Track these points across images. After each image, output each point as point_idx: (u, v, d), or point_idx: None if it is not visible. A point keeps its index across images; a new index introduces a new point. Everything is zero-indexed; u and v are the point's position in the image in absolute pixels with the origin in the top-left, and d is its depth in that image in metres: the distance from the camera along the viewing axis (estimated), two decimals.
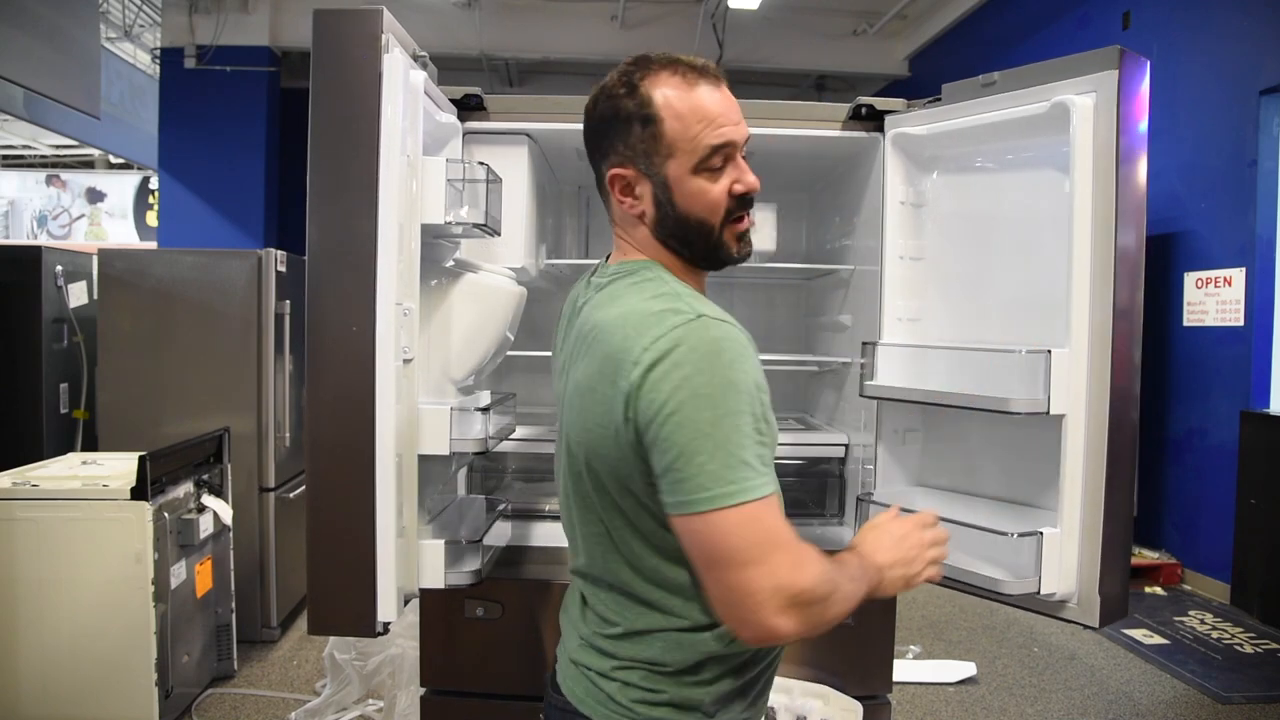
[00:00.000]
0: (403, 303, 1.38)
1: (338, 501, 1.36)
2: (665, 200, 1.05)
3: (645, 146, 1.04)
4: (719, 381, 0.92)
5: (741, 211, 1.08)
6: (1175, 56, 4.62)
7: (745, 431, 0.93)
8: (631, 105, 1.04)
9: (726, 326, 0.97)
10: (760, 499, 0.92)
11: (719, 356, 0.93)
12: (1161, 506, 4.73)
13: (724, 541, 0.92)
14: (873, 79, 8.04)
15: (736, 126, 1.05)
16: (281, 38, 7.26)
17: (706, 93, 1.04)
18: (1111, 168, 1.45)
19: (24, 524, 2.52)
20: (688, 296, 1.01)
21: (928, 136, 1.80)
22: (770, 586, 0.91)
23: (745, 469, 0.92)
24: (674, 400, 0.92)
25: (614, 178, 1.07)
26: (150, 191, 10.94)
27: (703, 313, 0.97)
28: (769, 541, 0.92)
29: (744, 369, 0.95)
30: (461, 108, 1.82)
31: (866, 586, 1.03)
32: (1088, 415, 1.50)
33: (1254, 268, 4.18)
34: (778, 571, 0.91)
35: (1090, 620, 1.51)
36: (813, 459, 2.18)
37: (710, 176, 1.04)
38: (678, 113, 1.02)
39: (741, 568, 0.92)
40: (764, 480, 0.93)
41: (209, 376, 3.43)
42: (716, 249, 1.08)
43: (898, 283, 1.89)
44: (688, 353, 0.93)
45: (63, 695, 2.53)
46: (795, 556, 0.94)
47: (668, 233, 1.07)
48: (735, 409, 0.92)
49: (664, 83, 1.03)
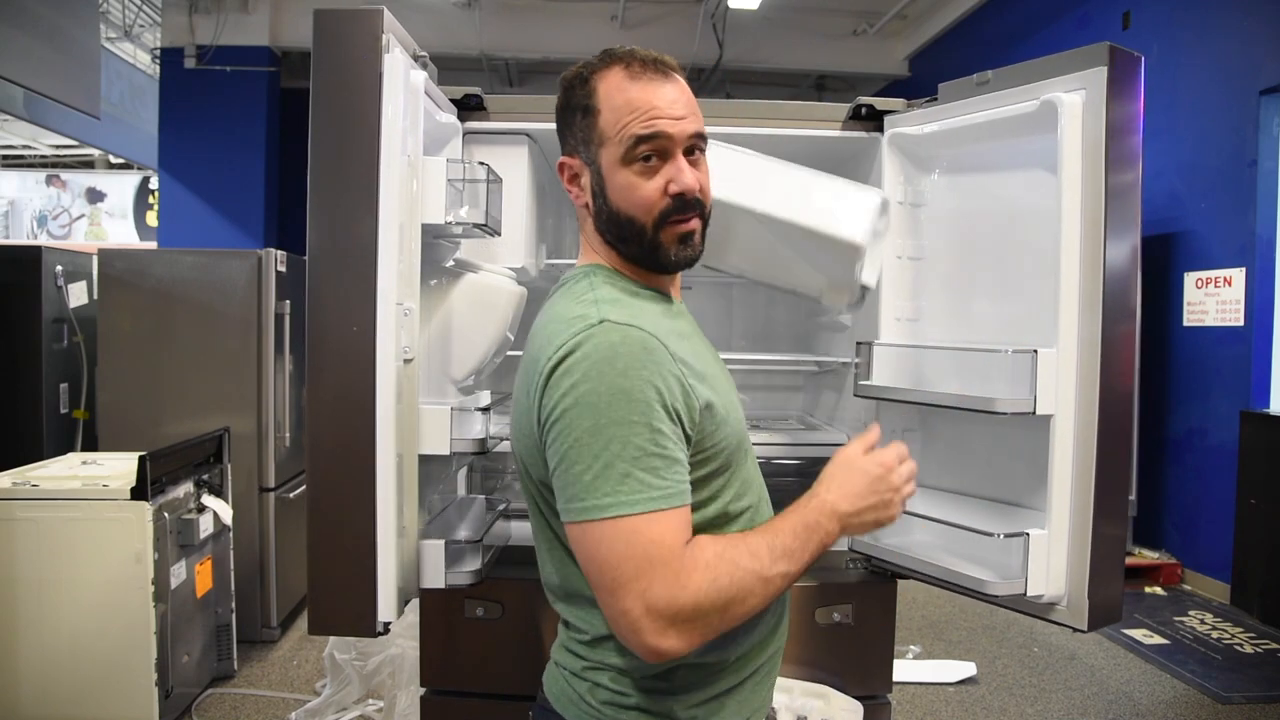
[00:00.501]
0: (403, 303, 1.38)
1: (338, 501, 1.36)
2: (600, 192, 1.05)
3: (584, 135, 1.05)
4: (606, 389, 0.90)
5: (683, 214, 1.04)
6: (1175, 56, 4.62)
7: (632, 442, 0.90)
8: (579, 94, 1.05)
9: (630, 331, 0.94)
10: (640, 514, 0.89)
11: (611, 363, 0.91)
12: (1161, 506, 4.73)
13: (596, 554, 0.90)
14: (873, 79, 8.04)
15: (676, 121, 1.01)
16: (281, 38, 7.26)
17: (648, 85, 1.02)
18: (1101, 165, 1.44)
19: (24, 524, 2.52)
20: (606, 302, 0.99)
21: (925, 136, 1.80)
22: (641, 608, 0.88)
23: (626, 481, 0.89)
24: (560, 406, 0.92)
25: (561, 165, 1.10)
26: (150, 191, 10.94)
27: (606, 317, 0.95)
28: (643, 558, 0.88)
29: (639, 376, 0.91)
30: (461, 108, 1.82)
31: (812, 550, 0.98)
32: (1077, 416, 1.49)
33: (1254, 268, 4.18)
34: (650, 592, 0.88)
35: (1079, 623, 1.50)
36: (813, 459, 2.18)
37: (641, 170, 1.02)
38: (613, 104, 1.02)
39: (613, 587, 0.89)
40: (651, 494, 0.90)
41: (209, 376, 3.43)
42: (654, 250, 1.05)
43: (896, 283, 1.89)
44: (580, 359, 0.92)
45: (63, 695, 2.53)
46: (675, 573, 0.89)
47: (605, 227, 1.07)
48: (621, 418, 0.90)
49: (610, 75, 1.04)
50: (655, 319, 1.01)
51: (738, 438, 1.06)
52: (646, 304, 1.05)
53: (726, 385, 1.10)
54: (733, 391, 1.12)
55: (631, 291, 1.06)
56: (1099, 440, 1.46)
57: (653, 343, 0.95)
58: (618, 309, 0.98)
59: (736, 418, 1.07)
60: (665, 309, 1.08)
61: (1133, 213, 1.48)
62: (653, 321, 0.99)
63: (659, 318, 1.03)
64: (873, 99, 1.86)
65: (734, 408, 1.08)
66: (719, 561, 0.92)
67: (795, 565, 0.97)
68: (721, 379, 1.09)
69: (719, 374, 1.10)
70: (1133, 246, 1.49)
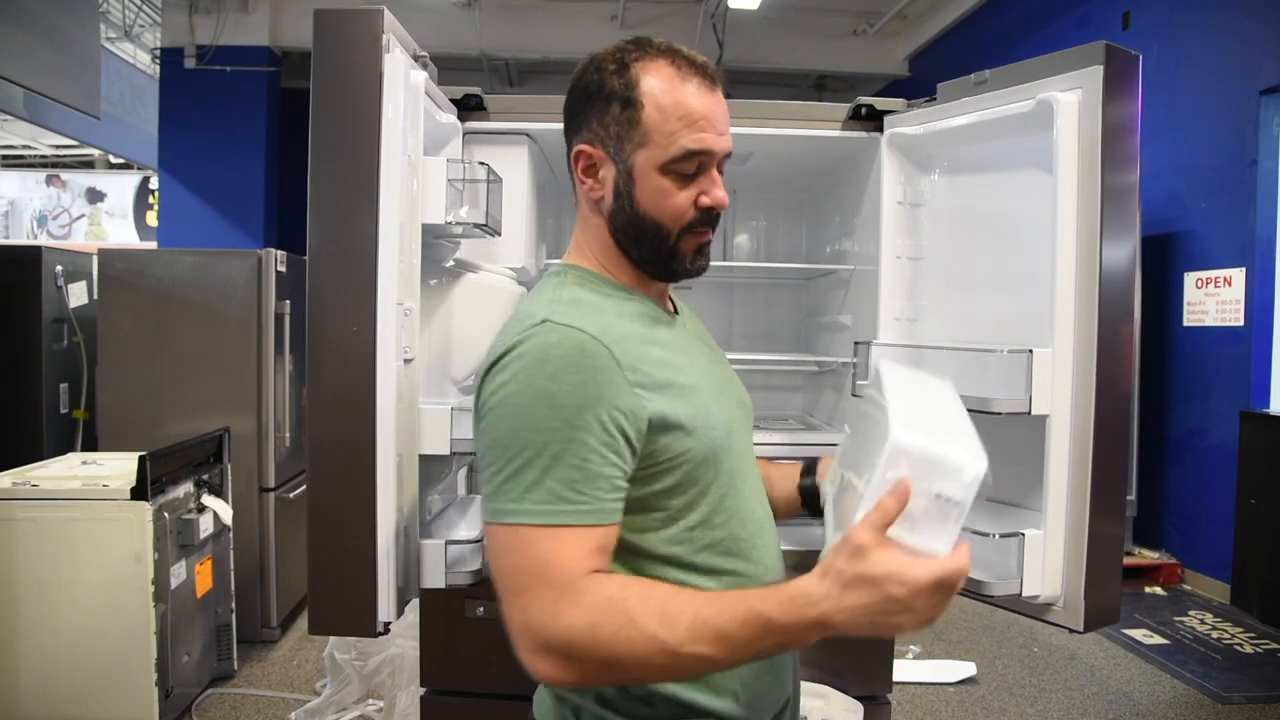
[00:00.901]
0: (403, 303, 1.38)
1: (338, 501, 1.36)
2: (626, 191, 0.99)
3: (619, 130, 0.98)
4: (531, 392, 0.86)
5: (704, 225, 1.01)
6: (1175, 56, 4.62)
7: (547, 450, 0.85)
8: (617, 83, 0.97)
9: (569, 333, 0.89)
10: (539, 525, 0.84)
11: (542, 365, 0.87)
12: (1161, 506, 4.73)
13: (494, 558, 0.88)
14: (873, 79, 8.04)
15: (720, 137, 0.98)
16: (281, 38, 7.26)
17: (697, 91, 0.97)
18: (1097, 164, 1.44)
19: (24, 524, 2.52)
20: (562, 302, 0.96)
21: (924, 136, 1.80)
22: (520, 622, 0.85)
23: (534, 490, 0.85)
24: (487, 405, 0.90)
25: (579, 154, 1.02)
26: (150, 191, 10.93)
27: (549, 317, 0.91)
28: (532, 573, 0.84)
29: (569, 381, 0.87)
30: (461, 108, 1.82)
31: (764, 649, 0.83)
32: (1074, 416, 1.49)
33: (1254, 268, 4.18)
34: (530, 608, 0.84)
35: (1075, 624, 1.50)
36: (812, 459, 2.18)
37: (677, 180, 0.98)
38: (660, 103, 0.96)
39: (503, 595, 0.86)
40: (558, 508, 0.85)
41: (209, 376, 3.43)
42: (670, 258, 1.01)
43: (895, 283, 1.89)
44: (514, 358, 0.89)
45: (63, 695, 2.53)
46: (556, 599, 0.83)
47: (621, 227, 1.01)
48: (540, 424, 0.85)
49: (656, 69, 0.97)
50: (616, 322, 0.95)
51: (706, 454, 0.96)
52: (618, 306, 0.99)
53: (710, 399, 1.00)
54: (723, 407, 1.03)
55: (604, 294, 1.01)
56: (1096, 440, 1.46)
57: (593, 347, 0.89)
58: (570, 310, 0.93)
59: (713, 436, 0.97)
60: (644, 315, 1.02)
61: (1130, 212, 1.48)
62: (607, 324, 0.94)
63: (625, 321, 0.97)
64: (872, 99, 1.86)
65: (711, 424, 0.97)
66: (610, 608, 0.83)
67: (726, 654, 0.83)
68: (703, 392, 1.00)
69: (703, 386, 1.01)
70: (1131, 246, 1.49)
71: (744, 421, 1.11)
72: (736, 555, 0.99)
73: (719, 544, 0.98)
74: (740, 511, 1.01)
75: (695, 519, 0.96)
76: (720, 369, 1.12)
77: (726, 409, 1.04)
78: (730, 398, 1.08)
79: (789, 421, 2.42)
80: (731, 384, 1.12)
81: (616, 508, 0.89)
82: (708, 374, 1.05)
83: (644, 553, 0.95)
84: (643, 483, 0.93)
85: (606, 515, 0.88)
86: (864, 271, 2.05)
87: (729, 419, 1.03)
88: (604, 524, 0.88)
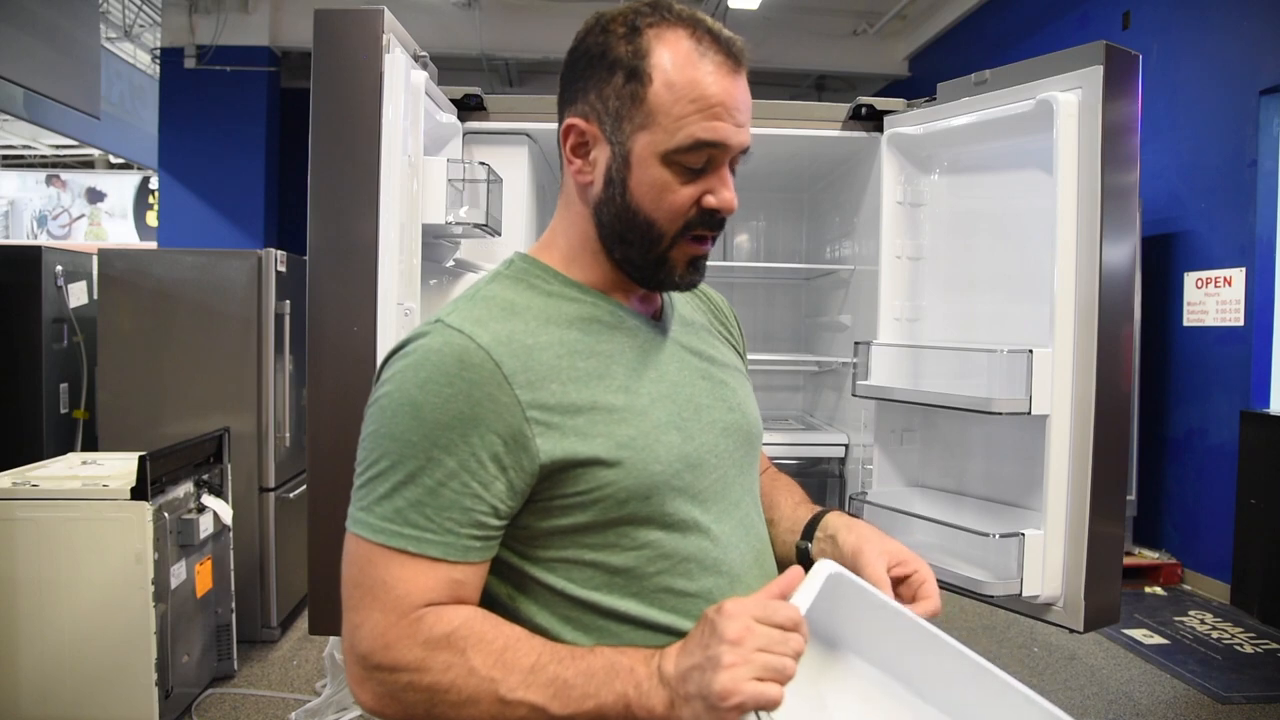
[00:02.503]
0: (404, 303, 1.38)
1: (338, 501, 1.36)
2: (619, 179, 0.84)
3: (619, 105, 0.83)
4: (399, 398, 0.78)
5: (706, 230, 0.86)
6: (1175, 56, 4.62)
7: (402, 465, 0.76)
8: (624, 50, 0.83)
9: (453, 339, 0.79)
10: (380, 544, 0.76)
11: (416, 371, 0.78)
12: (1161, 506, 4.73)
13: (342, 564, 0.80)
14: (872, 79, 8.04)
15: (738, 129, 0.83)
16: (282, 38, 7.26)
17: (717, 71, 0.82)
18: (1097, 164, 1.44)
19: (24, 524, 2.52)
20: (473, 300, 0.85)
21: (924, 136, 1.80)
22: (349, 638, 0.78)
23: (383, 503, 0.77)
24: (369, 401, 0.83)
25: (570, 128, 0.87)
26: (150, 191, 10.93)
27: (444, 317, 0.81)
28: (368, 592, 0.76)
29: (438, 393, 0.76)
30: (462, 108, 1.82)
31: (600, 705, 0.72)
32: (1073, 416, 1.49)
33: (1254, 268, 4.18)
34: (359, 631, 0.77)
35: (1075, 624, 1.50)
36: (812, 459, 2.19)
37: (680, 174, 0.83)
38: (671, 80, 0.81)
39: (343, 607, 0.79)
40: (402, 530, 0.76)
41: (209, 376, 3.43)
42: (659, 265, 0.86)
43: (895, 283, 1.89)
44: (400, 357, 0.81)
45: (63, 695, 2.52)
46: (389, 627, 0.75)
47: (608, 221, 0.86)
48: (399, 434, 0.77)
49: (672, 39, 0.83)
50: (535, 329, 0.83)
51: (638, 491, 0.81)
52: (553, 309, 0.86)
53: (663, 424, 0.85)
54: (687, 435, 0.86)
55: (543, 293, 0.87)
56: (1095, 440, 1.46)
57: (476, 357, 0.78)
58: (472, 310, 0.83)
59: (651, 470, 0.82)
60: (588, 320, 0.87)
61: (1130, 212, 1.48)
62: (514, 331, 0.81)
63: (553, 328, 0.84)
64: (872, 99, 1.87)
65: (650, 456, 0.82)
66: (445, 644, 0.75)
67: (559, 707, 0.72)
68: (652, 415, 0.84)
69: (654, 408, 0.85)
70: (1130, 246, 1.49)
71: (731, 451, 0.92)
72: (678, 612, 0.83)
73: (651, 596, 0.83)
74: (693, 561, 0.84)
75: (619, 564, 0.82)
76: (709, 386, 0.93)
77: (696, 436, 0.87)
78: (711, 423, 0.90)
79: (789, 421, 2.42)
80: (719, 406, 0.92)
81: (474, 545, 0.78)
82: (675, 393, 0.88)
83: (555, 592, 0.82)
84: (546, 515, 0.81)
85: (457, 551, 0.77)
86: (864, 271, 2.05)
87: (694, 449, 0.86)
88: (453, 560, 0.77)
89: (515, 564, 0.83)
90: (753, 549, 0.92)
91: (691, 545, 0.85)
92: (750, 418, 0.98)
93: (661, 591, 0.83)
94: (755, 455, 0.99)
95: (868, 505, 1.80)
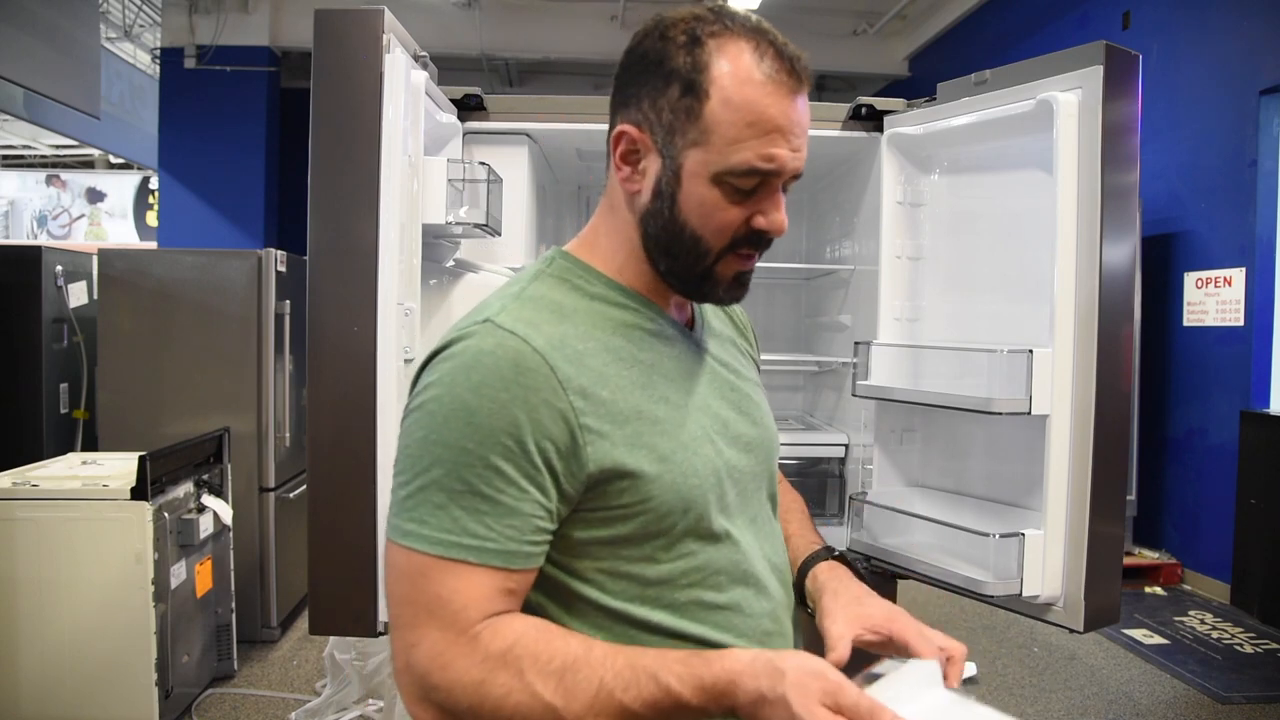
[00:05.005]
0: (404, 303, 1.38)
1: (338, 501, 1.36)
2: (668, 192, 0.82)
3: (673, 119, 0.80)
4: (450, 402, 0.75)
5: (752, 249, 0.85)
6: (1175, 56, 4.62)
7: (458, 472, 0.74)
8: (683, 60, 0.80)
9: (507, 340, 0.77)
10: (436, 556, 0.74)
11: (468, 374, 0.76)
12: (1161, 506, 4.73)
13: (388, 580, 0.77)
14: (872, 79, 8.04)
15: (794, 155, 0.81)
16: (281, 38, 7.26)
17: (778, 92, 0.79)
18: (1097, 164, 1.44)
19: (24, 524, 2.52)
20: (520, 299, 0.83)
21: (924, 136, 1.80)
22: (404, 660, 0.75)
23: (438, 514, 0.74)
24: (409, 406, 0.80)
25: (621, 134, 0.84)
26: (150, 191, 10.93)
27: (493, 317, 0.79)
28: (426, 610, 0.74)
29: (494, 397, 0.75)
30: (462, 108, 1.82)
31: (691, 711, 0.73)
32: (1073, 416, 1.49)
33: (1254, 268, 4.18)
34: (415, 650, 0.74)
35: (1075, 624, 1.50)
36: (812, 459, 2.19)
37: (731, 195, 0.81)
38: (730, 98, 0.78)
39: (393, 623, 0.77)
40: (461, 540, 0.74)
41: (209, 376, 3.43)
42: (703, 280, 0.85)
43: (895, 282, 1.89)
44: (443, 360, 0.78)
45: (63, 695, 2.53)
46: (448, 645, 0.73)
47: (654, 233, 0.84)
48: (454, 440, 0.74)
49: (734, 53, 0.79)
50: (583, 332, 0.82)
51: (677, 504, 0.81)
52: (599, 313, 0.85)
53: (698, 437, 0.85)
54: (718, 449, 0.87)
55: (588, 295, 0.86)
56: (1096, 441, 1.47)
57: (532, 361, 0.76)
58: (523, 310, 0.81)
59: (688, 484, 0.82)
60: (631, 327, 0.86)
61: (1130, 212, 1.48)
62: (566, 334, 0.80)
63: (599, 333, 0.83)
64: (872, 99, 1.87)
65: (689, 469, 0.83)
66: (504, 665, 0.73)
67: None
68: (689, 428, 0.85)
69: (690, 421, 0.85)
70: (1131, 246, 1.49)
71: (753, 465, 0.93)
72: (708, 624, 0.84)
73: (682, 608, 0.84)
74: (724, 573, 0.86)
75: (654, 576, 0.82)
76: (736, 399, 0.94)
77: (725, 450, 0.88)
78: (737, 436, 0.91)
79: (789, 421, 2.42)
80: (743, 420, 0.93)
81: (533, 551, 0.77)
82: (707, 406, 0.89)
83: (589, 602, 0.82)
84: (586, 525, 0.80)
85: (517, 559, 0.76)
86: (864, 271, 2.05)
87: (725, 464, 0.87)
88: (509, 567, 0.76)
89: (549, 573, 0.82)
90: (770, 560, 0.93)
91: (724, 557, 0.86)
92: (770, 431, 0.98)
93: (692, 604, 0.84)
94: (773, 467, 1.00)
95: (868, 505, 1.81)
